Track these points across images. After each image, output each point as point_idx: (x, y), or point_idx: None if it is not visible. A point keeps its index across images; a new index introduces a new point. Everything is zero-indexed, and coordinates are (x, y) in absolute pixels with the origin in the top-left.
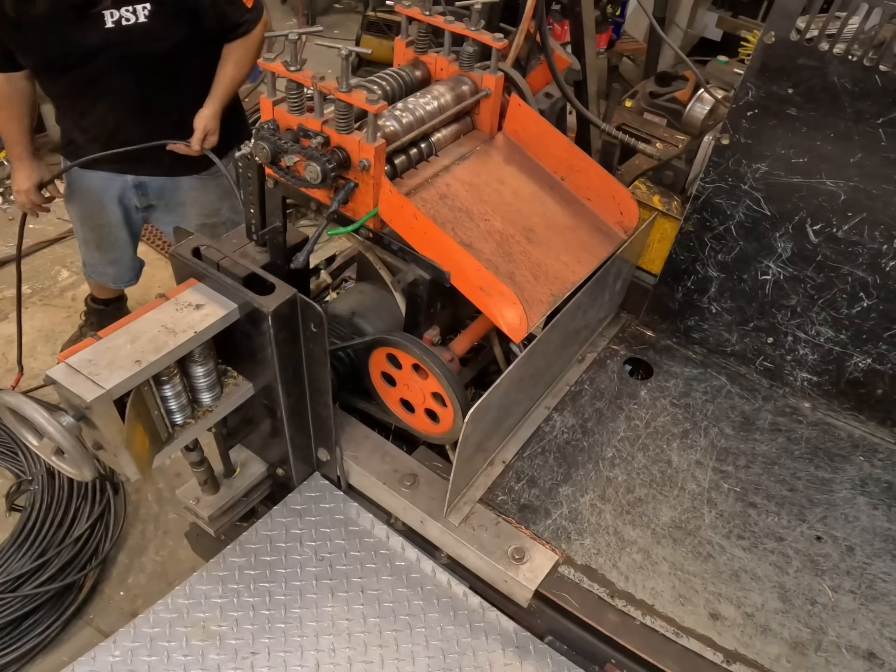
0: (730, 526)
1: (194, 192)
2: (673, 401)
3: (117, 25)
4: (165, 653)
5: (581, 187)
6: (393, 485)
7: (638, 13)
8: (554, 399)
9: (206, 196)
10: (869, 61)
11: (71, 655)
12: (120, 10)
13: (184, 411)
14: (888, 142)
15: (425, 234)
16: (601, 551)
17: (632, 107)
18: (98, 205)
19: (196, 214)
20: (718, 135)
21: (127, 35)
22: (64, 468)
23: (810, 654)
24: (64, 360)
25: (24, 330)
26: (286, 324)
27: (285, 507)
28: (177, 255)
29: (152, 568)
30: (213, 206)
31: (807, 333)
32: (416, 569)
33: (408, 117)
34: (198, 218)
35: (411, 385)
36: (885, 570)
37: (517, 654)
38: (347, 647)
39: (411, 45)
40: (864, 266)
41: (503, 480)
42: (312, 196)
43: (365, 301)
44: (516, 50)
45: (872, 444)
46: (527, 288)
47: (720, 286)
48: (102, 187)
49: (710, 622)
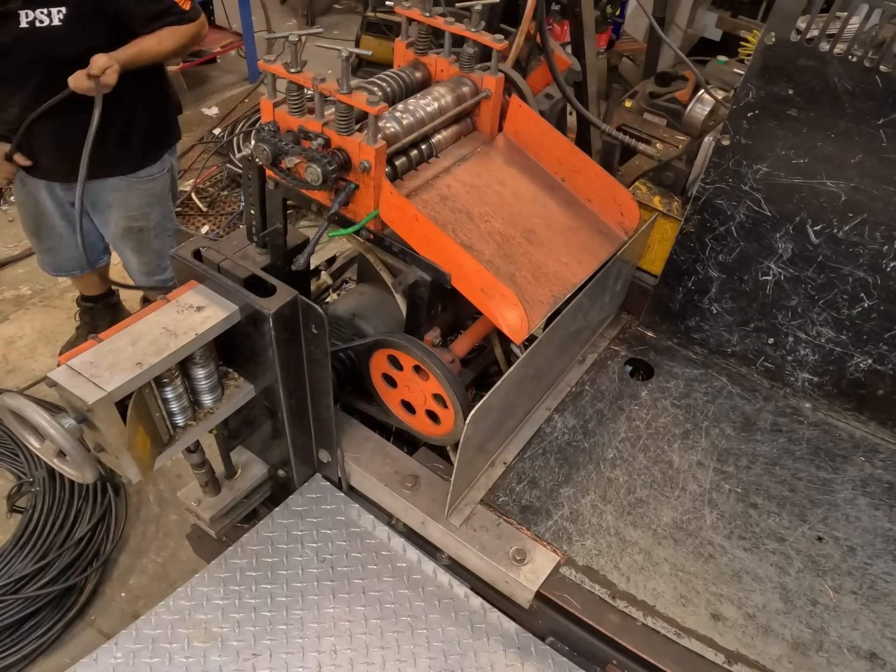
0: (731, 526)
1: (120, 193)
2: (674, 401)
3: (31, 26)
4: (167, 654)
5: (581, 188)
6: (394, 486)
7: (638, 13)
8: (555, 400)
9: (132, 199)
10: (869, 62)
11: (73, 657)
12: (35, 12)
13: (185, 413)
14: (888, 142)
15: (426, 236)
16: (602, 552)
17: (632, 107)
18: (31, 194)
19: (122, 217)
20: (719, 135)
21: (40, 37)
22: (65, 470)
23: (812, 655)
24: (65, 362)
25: (25, 331)
26: (287, 325)
27: (286, 509)
28: (177, 257)
29: (154, 569)
30: (139, 209)
31: (807, 334)
32: (417, 570)
33: (408, 119)
34: (124, 220)
35: (412, 386)
36: (886, 570)
37: (518, 654)
38: (349, 649)
39: (411, 46)
40: (864, 267)
41: (504, 481)
42: (313, 198)
43: (366, 302)
44: (516, 51)
45: (873, 444)
46: (527, 289)
47: (721, 287)
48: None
49: (711, 623)
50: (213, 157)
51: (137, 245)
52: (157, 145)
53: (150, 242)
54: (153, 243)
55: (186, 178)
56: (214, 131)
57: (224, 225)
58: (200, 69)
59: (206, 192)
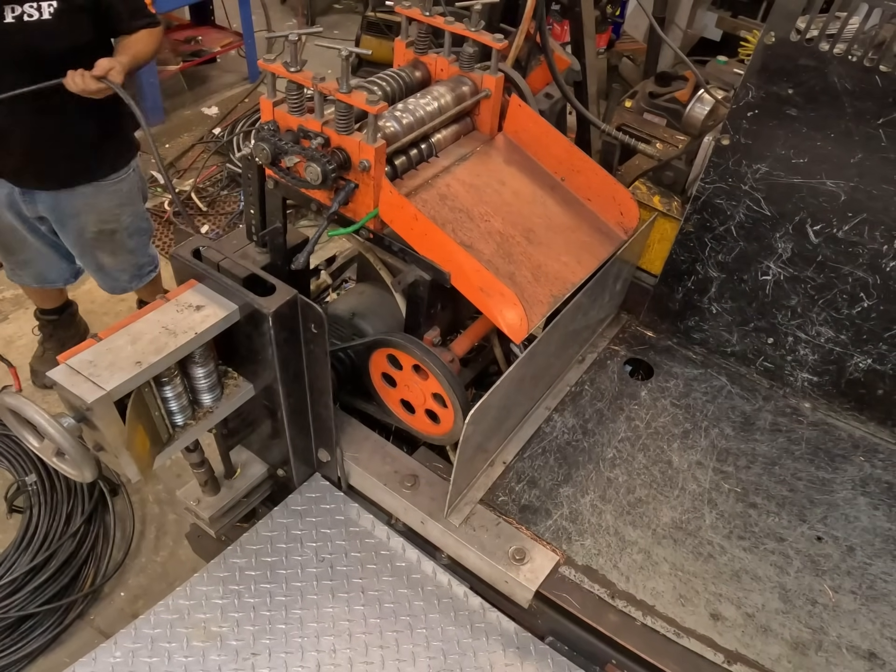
0: (730, 526)
1: (89, 199)
2: (673, 401)
3: (18, 21)
4: (166, 654)
5: (581, 188)
6: (393, 485)
7: (638, 13)
8: (554, 400)
9: (101, 202)
10: (869, 62)
11: (72, 656)
12: (23, 6)
13: (184, 412)
14: (888, 142)
15: (426, 235)
16: (602, 552)
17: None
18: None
19: (93, 222)
20: (718, 135)
21: (27, 32)
22: (65, 469)
23: (811, 655)
24: (64, 361)
25: (24, 331)
26: (286, 325)
27: (286, 508)
28: (177, 257)
29: (153, 569)
30: (110, 212)
31: (807, 334)
32: (416, 569)
33: (408, 118)
34: (95, 225)
35: (412, 386)
36: (885, 570)
37: (518, 654)
38: (348, 648)
39: (411, 45)
40: (864, 266)
41: (504, 481)
42: (313, 197)
43: (365, 302)
44: (516, 50)
45: (873, 444)
46: (527, 289)
47: (720, 287)
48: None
49: (710, 622)
50: (213, 156)
51: (111, 247)
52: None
53: (125, 242)
54: (128, 243)
55: (186, 177)
56: (214, 131)
57: (224, 224)
58: (200, 69)
59: (206, 191)
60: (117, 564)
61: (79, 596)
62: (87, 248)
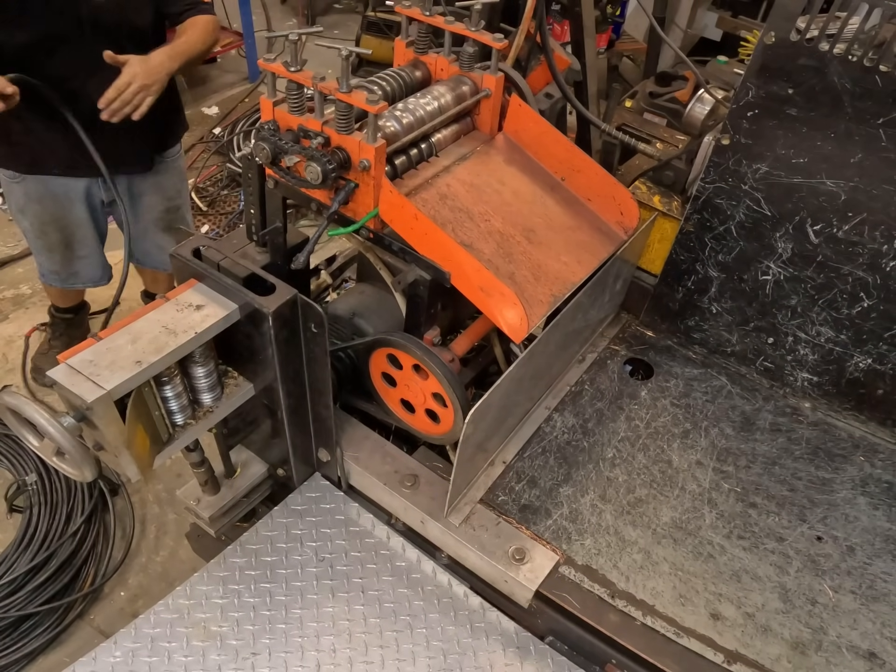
0: (730, 526)
1: (158, 176)
2: (673, 401)
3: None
4: (166, 653)
5: (581, 187)
6: (393, 485)
7: (638, 13)
8: (554, 399)
9: (168, 180)
10: (869, 61)
11: (72, 656)
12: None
13: (184, 412)
14: (888, 142)
15: (426, 235)
16: (602, 551)
17: (632, 107)
18: (63, 207)
19: (160, 200)
20: (719, 135)
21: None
22: (65, 469)
23: (811, 655)
24: (64, 360)
25: (24, 330)
26: (286, 324)
27: (286, 508)
28: (177, 256)
29: (153, 568)
30: (174, 188)
31: (807, 333)
32: (416, 569)
33: (408, 118)
34: (162, 203)
35: (412, 385)
36: (885, 570)
37: (518, 654)
38: (348, 648)
39: (411, 45)
40: (864, 266)
41: (504, 481)
42: (313, 196)
43: (365, 301)
44: (516, 50)
45: (873, 444)
46: (527, 288)
47: (720, 286)
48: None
49: (710, 622)
50: (213, 156)
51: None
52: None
53: (185, 217)
54: (187, 217)
55: (186, 177)
56: (214, 131)
57: (224, 224)
58: (200, 69)
59: (206, 191)
60: (117, 564)
61: (79, 596)
62: (151, 227)
